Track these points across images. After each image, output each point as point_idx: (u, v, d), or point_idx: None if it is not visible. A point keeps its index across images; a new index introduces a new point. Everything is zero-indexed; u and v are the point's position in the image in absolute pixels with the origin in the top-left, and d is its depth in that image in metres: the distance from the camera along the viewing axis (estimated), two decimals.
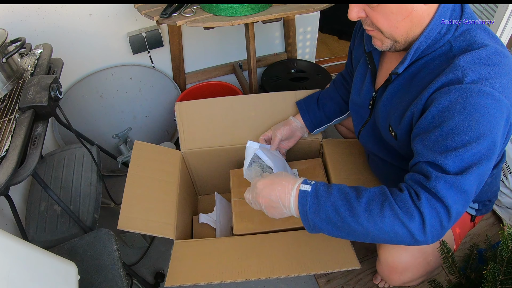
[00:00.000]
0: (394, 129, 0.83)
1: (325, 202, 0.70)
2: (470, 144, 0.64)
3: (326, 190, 0.71)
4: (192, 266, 0.98)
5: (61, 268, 0.72)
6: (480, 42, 0.69)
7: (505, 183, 1.38)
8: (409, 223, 0.65)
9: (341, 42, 2.48)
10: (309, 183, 0.74)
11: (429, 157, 0.67)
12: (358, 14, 0.73)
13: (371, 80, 0.92)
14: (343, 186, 0.73)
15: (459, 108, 0.64)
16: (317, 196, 0.71)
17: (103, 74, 1.65)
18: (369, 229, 0.67)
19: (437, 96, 0.68)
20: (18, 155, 0.81)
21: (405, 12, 0.69)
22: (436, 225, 0.65)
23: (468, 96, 0.64)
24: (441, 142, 0.66)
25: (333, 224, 0.70)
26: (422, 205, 0.64)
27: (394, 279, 0.95)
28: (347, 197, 0.70)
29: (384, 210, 0.66)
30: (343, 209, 0.68)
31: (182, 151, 1.26)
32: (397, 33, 0.73)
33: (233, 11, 1.23)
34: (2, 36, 0.96)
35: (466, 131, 0.64)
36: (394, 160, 0.91)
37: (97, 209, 1.15)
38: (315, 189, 0.72)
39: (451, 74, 0.67)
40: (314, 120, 1.15)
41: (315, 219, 0.71)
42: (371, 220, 0.67)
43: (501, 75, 0.66)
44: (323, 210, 0.70)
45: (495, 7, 1.54)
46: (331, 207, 0.69)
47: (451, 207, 0.64)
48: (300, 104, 1.17)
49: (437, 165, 0.66)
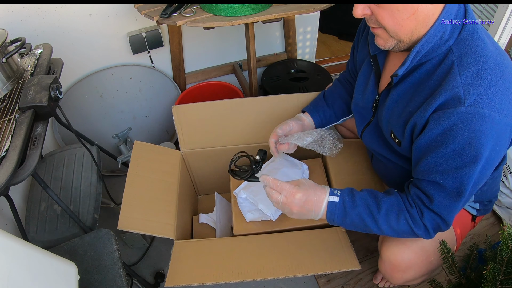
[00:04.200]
0: (397, 137, 0.85)
1: (351, 212, 0.83)
2: (469, 165, 0.72)
3: (351, 201, 0.84)
4: (192, 266, 0.98)
5: (61, 268, 0.72)
6: (482, 53, 0.70)
7: (505, 183, 1.38)
8: (417, 231, 0.81)
9: (341, 42, 2.48)
10: (336, 193, 0.85)
11: (431, 176, 0.76)
12: (363, 11, 0.73)
13: (375, 82, 0.91)
14: (364, 196, 0.84)
15: (460, 133, 0.69)
16: (344, 207, 0.84)
17: (103, 74, 1.65)
18: (386, 231, 0.83)
19: (440, 117, 0.71)
20: (18, 155, 0.81)
21: (411, 10, 0.69)
22: (437, 230, 0.82)
23: (469, 120, 0.68)
24: (443, 162, 0.74)
25: (356, 228, 0.85)
26: (425, 221, 0.80)
27: (396, 277, 0.95)
28: (369, 207, 0.83)
29: (400, 220, 0.81)
30: (366, 218, 0.83)
31: (182, 151, 1.25)
32: (402, 32, 0.72)
33: (233, 11, 1.23)
34: (2, 36, 0.96)
35: (465, 154, 0.71)
36: (398, 159, 0.91)
37: (97, 209, 1.15)
38: (342, 200, 0.84)
39: (453, 91, 0.69)
40: (323, 118, 1.12)
41: (340, 223, 0.85)
42: (389, 226, 0.82)
43: (501, 92, 0.68)
44: (349, 218, 0.84)
45: (495, 7, 1.54)
46: (357, 216, 0.83)
47: (448, 219, 0.80)
48: (308, 108, 1.14)
49: (439, 184, 0.76)
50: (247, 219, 1.09)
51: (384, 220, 0.82)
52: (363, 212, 0.83)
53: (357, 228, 0.85)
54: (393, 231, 0.83)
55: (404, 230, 0.81)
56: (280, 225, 1.08)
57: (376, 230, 0.83)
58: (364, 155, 1.20)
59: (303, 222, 1.08)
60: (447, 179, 0.75)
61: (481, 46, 0.71)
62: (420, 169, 0.78)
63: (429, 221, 0.80)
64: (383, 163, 1.00)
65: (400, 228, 0.81)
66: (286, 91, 1.70)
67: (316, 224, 1.07)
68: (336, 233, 1.03)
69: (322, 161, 1.26)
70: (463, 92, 0.68)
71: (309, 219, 0.88)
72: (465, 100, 0.68)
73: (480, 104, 0.67)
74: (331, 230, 1.04)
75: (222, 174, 1.35)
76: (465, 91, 0.68)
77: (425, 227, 0.80)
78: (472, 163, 0.71)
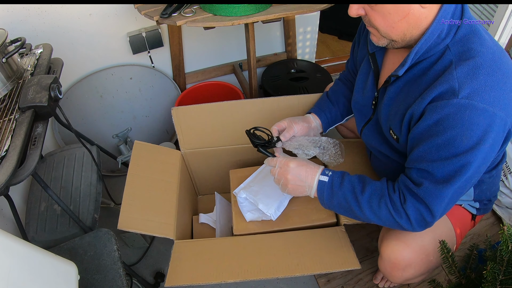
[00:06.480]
0: (395, 133, 0.85)
1: (338, 192, 0.86)
2: (459, 156, 0.71)
3: (339, 182, 0.86)
4: (192, 266, 0.98)
5: (61, 268, 0.72)
6: (478, 49, 0.71)
7: (505, 183, 1.38)
8: (398, 219, 0.80)
9: (341, 42, 2.48)
10: (327, 174, 0.89)
11: (421, 165, 0.76)
12: (357, 11, 0.76)
13: (374, 80, 0.92)
14: (353, 179, 0.86)
15: (452, 123, 0.70)
16: (331, 187, 0.87)
17: (103, 74, 1.65)
18: (369, 216, 0.84)
19: (434, 108, 0.72)
20: (18, 155, 0.81)
21: (402, 13, 0.71)
22: (420, 221, 0.79)
23: (462, 112, 0.68)
24: (434, 151, 0.74)
25: (343, 209, 0.87)
26: (407, 208, 0.79)
27: (396, 276, 0.95)
28: (354, 190, 0.85)
29: (381, 205, 0.82)
30: (351, 200, 0.84)
31: (182, 151, 1.26)
32: (393, 33, 0.75)
33: (233, 11, 1.23)
34: (2, 36, 0.96)
35: (457, 145, 0.71)
36: (397, 156, 0.92)
37: (97, 209, 1.15)
38: (331, 180, 0.87)
39: (448, 84, 0.70)
40: (330, 118, 1.12)
41: (329, 204, 0.89)
42: (371, 211, 0.83)
43: (496, 87, 0.68)
44: (335, 198, 0.86)
45: (495, 7, 1.54)
46: (342, 197, 0.85)
47: (434, 209, 0.77)
48: (314, 109, 1.13)
49: (427, 171, 0.75)
50: (247, 219, 1.09)
51: (367, 203, 0.82)
52: (348, 193, 0.85)
53: (344, 211, 0.88)
54: (376, 217, 0.83)
55: (386, 216, 0.81)
56: (280, 225, 1.08)
57: (360, 213, 0.84)
58: (364, 155, 1.20)
59: (303, 222, 1.08)
60: (436, 168, 0.74)
61: (479, 42, 0.72)
62: (412, 158, 0.79)
63: (411, 209, 0.78)
64: (381, 161, 1.00)
65: (381, 214, 0.81)
66: (286, 91, 1.70)
67: (316, 224, 1.07)
68: (336, 233, 1.03)
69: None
70: (458, 85, 0.69)
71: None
72: (459, 93, 0.68)
73: (474, 97, 0.68)
74: (331, 230, 1.04)
75: (222, 174, 1.35)
76: (460, 84, 0.69)
77: (407, 216, 0.79)
78: (464, 154, 0.71)
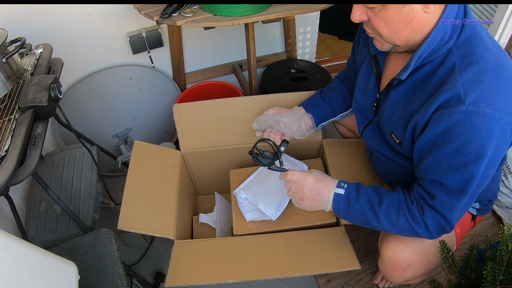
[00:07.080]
0: (398, 137, 0.85)
1: (354, 205, 0.86)
2: (470, 164, 0.72)
3: (356, 195, 0.87)
4: (192, 266, 0.98)
5: (61, 268, 0.72)
6: (482, 54, 0.70)
7: (505, 183, 1.38)
8: (417, 229, 0.81)
9: (341, 42, 2.48)
10: (342, 186, 0.89)
11: (434, 176, 0.76)
12: (360, 17, 0.75)
13: (376, 82, 0.92)
14: (369, 191, 0.87)
15: (460, 132, 0.69)
16: (348, 201, 0.87)
17: (103, 74, 1.65)
18: (386, 227, 0.84)
19: (440, 116, 0.71)
20: (18, 155, 0.81)
21: (406, 20, 0.70)
22: (439, 230, 0.81)
23: (470, 119, 0.68)
24: (444, 161, 0.74)
25: (358, 220, 0.88)
26: (426, 218, 0.80)
27: (396, 277, 0.95)
28: (371, 202, 0.85)
29: (399, 216, 0.82)
30: (368, 212, 0.85)
31: (182, 151, 1.25)
32: (397, 39, 0.74)
33: (233, 11, 1.23)
34: (2, 36, 0.96)
35: (467, 153, 0.71)
36: (398, 157, 0.92)
37: (97, 209, 1.15)
38: (348, 193, 0.87)
39: (453, 91, 0.69)
40: (319, 113, 1.13)
41: (344, 215, 0.89)
42: (389, 222, 0.83)
43: (501, 91, 0.68)
44: (352, 211, 0.87)
45: (495, 7, 1.54)
46: (359, 209, 0.86)
47: (451, 218, 0.78)
48: (304, 104, 1.15)
49: (441, 183, 0.76)
50: (247, 219, 1.09)
51: (385, 215, 0.83)
52: (366, 206, 0.85)
53: (361, 222, 0.87)
54: (394, 228, 0.83)
55: (404, 227, 0.82)
56: (280, 225, 1.08)
57: (377, 225, 0.85)
58: (364, 155, 1.20)
59: (303, 222, 1.08)
60: (449, 178, 0.75)
61: (481, 46, 0.71)
62: (422, 169, 0.79)
63: (430, 219, 0.79)
64: (382, 161, 1.00)
65: (400, 225, 0.82)
66: (286, 91, 1.68)
67: (316, 224, 1.07)
68: (336, 233, 1.03)
69: (322, 161, 1.26)
70: (464, 91, 0.68)
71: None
72: (465, 99, 0.68)
73: (480, 103, 0.67)
74: (331, 230, 1.04)
75: (222, 174, 1.35)
76: (466, 91, 0.68)
77: (426, 225, 0.80)
78: (474, 162, 0.71)
